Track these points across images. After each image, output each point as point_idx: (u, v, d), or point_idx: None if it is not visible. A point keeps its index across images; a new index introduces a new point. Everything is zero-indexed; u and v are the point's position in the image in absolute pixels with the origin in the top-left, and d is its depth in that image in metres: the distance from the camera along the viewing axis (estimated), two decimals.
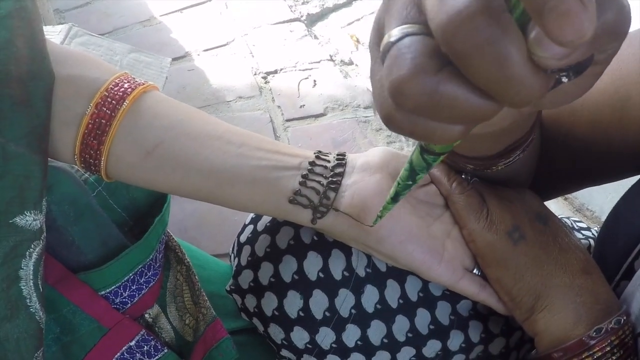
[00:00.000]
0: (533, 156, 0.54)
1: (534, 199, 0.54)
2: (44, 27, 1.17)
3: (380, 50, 0.26)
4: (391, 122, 0.27)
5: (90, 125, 0.46)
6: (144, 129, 0.47)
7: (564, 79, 0.27)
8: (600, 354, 0.46)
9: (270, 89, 1.50)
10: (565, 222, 0.73)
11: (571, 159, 0.59)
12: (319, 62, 1.59)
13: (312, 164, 0.49)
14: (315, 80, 1.52)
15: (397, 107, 0.26)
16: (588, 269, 0.50)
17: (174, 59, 1.56)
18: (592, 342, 0.46)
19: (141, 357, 0.58)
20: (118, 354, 0.56)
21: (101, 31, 1.62)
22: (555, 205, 1.26)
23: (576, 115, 0.55)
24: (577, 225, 0.72)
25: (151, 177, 0.48)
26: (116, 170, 0.48)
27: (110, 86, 0.47)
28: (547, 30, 0.21)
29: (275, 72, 1.55)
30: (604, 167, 0.59)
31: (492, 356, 0.58)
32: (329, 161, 0.50)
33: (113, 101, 0.46)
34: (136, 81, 0.49)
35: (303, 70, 1.56)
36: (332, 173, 0.49)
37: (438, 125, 0.26)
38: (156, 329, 0.61)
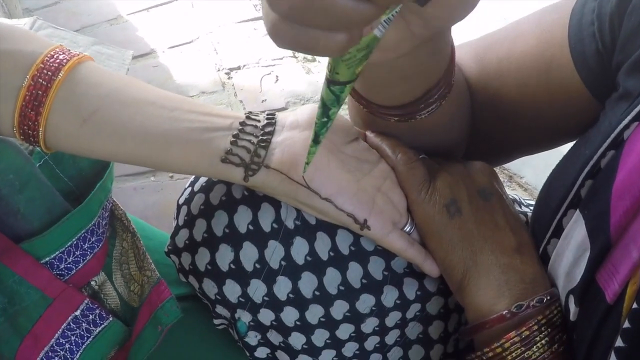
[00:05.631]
0: (456, 107, 0.55)
1: (483, 174, 0.55)
2: (10, 20, 1.18)
3: None
4: (276, 34, 0.29)
5: (27, 97, 0.47)
6: (80, 97, 0.48)
7: None
8: (528, 332, 0.48)
9: (233, 85, 1.52)
10: (514, 197, 0.75)
11: (501, 124, 0.60)
12: (281, 58, 1.61)
13: (242, 124, 0.51)
14: (277, 76, 1.54)
15: (280, 17, 0.28)
16: (520, 248, 0.51)
17: (140, 56, 1.58)
18: (513, 317, 0.48)
19: (87, 326, 0.58)
20: (64, 324, 0.57)
21: (69, 29, 1.63)
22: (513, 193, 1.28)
23: (503, 78, 0.57)
24: (525, 202, 0.74)
25: (88, 145, 0.49)
26: (55, 140, 0.49)
27: (46, 58, 0.48)
28: None
29: (239, 68, 1.57)
30: (534, 134, 0.60)
31: (431, 316, 0.58)
32: (259, 121, 0.52)
33: (49, 72, 0.47)
34: (71, 52, 0.50)
35: (266, 66, 1.58)
36: (262, 132, 0.51)
37: (320, 34, 0.28)
38: (102, 295, 0.62)
